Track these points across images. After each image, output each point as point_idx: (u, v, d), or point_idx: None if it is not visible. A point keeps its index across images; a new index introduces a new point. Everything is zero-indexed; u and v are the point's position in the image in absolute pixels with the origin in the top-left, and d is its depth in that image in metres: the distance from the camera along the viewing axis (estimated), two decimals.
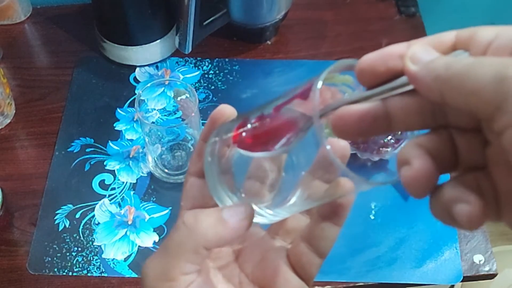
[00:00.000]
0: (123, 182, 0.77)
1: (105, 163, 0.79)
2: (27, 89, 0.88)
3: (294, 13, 0.94)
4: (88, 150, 0.81)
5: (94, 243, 0.72)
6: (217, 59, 0.91)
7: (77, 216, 0.75)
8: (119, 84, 0.88)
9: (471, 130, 0.26)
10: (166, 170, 0.77)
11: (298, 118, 0.30)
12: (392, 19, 0.96)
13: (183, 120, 0.81)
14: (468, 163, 0.27)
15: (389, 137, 0.37)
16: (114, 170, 0.79)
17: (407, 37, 0.27)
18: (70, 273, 0.70)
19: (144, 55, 0.88)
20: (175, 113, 0.82)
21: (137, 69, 0.89)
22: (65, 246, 0.72)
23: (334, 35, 0.95)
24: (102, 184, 0.77)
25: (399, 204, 0.75)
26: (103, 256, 0.71)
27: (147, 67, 0.90)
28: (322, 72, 0.29)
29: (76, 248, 0.72)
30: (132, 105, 0.85)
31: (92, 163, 0.79)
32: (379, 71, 0.28)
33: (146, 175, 0.78)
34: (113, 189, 0.77)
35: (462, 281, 0.70)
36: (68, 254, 0.72)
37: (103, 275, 0.70)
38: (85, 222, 0.74)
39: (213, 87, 0.88)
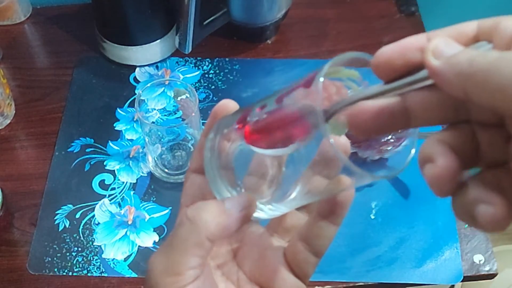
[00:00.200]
0: (123, 182, 0.77)
1: (105, 163, 0.79)
2: (27, 90, 0.88)
3: (294, 11, 0.94)
4: (88, 150, 0.81)
5: (94, 243, 0.72)
6: (217, 58, 0.91)
7: (77, 216, 0.75)
8: (119, 84, 0.88)
9: (493, 125, 0.25)
10: (166, 170, 0.77)
11: (309, 112, 0.29)
12: (393, 17, 0.96)
13: (183, 120, 0.81)
14: (489, 159, 0.26)
15: (390, 136, 0.37)
16: (114, 170, 0.79)
17: (407, 36, 0.27)
18: (70, 273, 0.70)
19: (144, 55, 0.88)
20: (175, 113, 0.82)
21: (137, 69, 0.89)
22: (65, 246, 0.72)
23: (334, 34, 0.95)
24: (102, 184, 0.77)
25: (399, 204, 0.75)
26: (103, 256, 0.71)
27: (147, 67, 0.90)
28: (325, 64, 0.28)
29: (76, 248, 0.72)
30: (132, 105, 0.85)
31: (92, 163, 0.79)
32: (397, 64, 0.27)
33: (146, 175, 0.78)
34: (113, 189, 0.77)
35: (462, 281, 0.70)
36: (68, 254, 0.72)
37: (103, 275, 0.70)
38: (85, 222, 0.74)
39: (213, 86, 0.87)
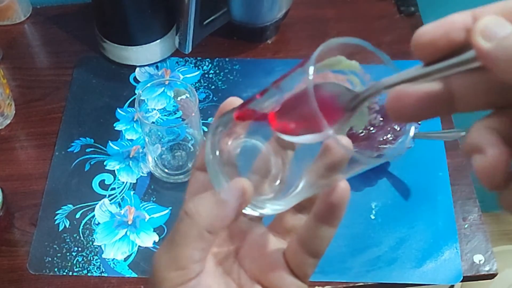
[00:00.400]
0: (123, 182, 0.77)
1: (105, 163, 0.79)
2: (27, 90, 0.88)
3: (294, 12, 0.93)
4: (88, 150, 0.81)
5: (94, 243, 0.72)
6: (217, 58, 0.91)
7: (77, 216, 0.75)
8: (119, 84, 0.88)
9: None
10: (166, 170, 0.77)
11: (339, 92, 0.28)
12: (392, 18, 0.96)
13: (183, 120, 0.81)
14: None
15: (388, 135, 0.37)
16: (114, 170, 0.79)
17: (407, 36, 0.27)
18: (70, 273, 0.70)
19: (144, 55, 0.88)
20: (175, 113, 0.82)
21: (137, 69, 0.89)
22: (65, 246, 0.72)
23: (334, 34, 0.94)
24: (102, 184, 0.77)
25: (399, 204, 0.75)
26: (103, 256, 0.71)
27: (147, 67, 0.90)
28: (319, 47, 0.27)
29: (76, 248, 0.72)
30: (132, 105, 0.85)
31: (92, 163, 0.79)
32: (440, 44, 0.25)
33: (146, 175, 0.78)
34: (113, 189, 0.77)
35: (462, 281, 0.70)
36: (68, 254, 0.72)
37: (103, 275, 0.70)
38: (85, 222, 0.74)
39: (213, 86, 0.87)
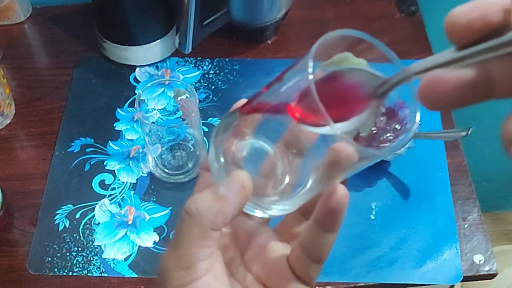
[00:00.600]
0: (123, 182, 0.77)
1: (105, 163, 0.79)
2: (27, 89, 0.88)
3: (294, 12, 0.93)
4: (88, 150, 0.81)
5: (94, 243, 0.72)
6: (217, 58, 0.91)
7: (77, 216, 0.75)
8: (119, 84, 0.88)
9: None
10: (166, 170, 0.77)
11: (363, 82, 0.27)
12: (393, 17, 0.96)
13: (183, 120, 0.81)
14: None
15: (388, 134, 0.37)
16: (114, 170, 0.79)
17: (408, 36, 0.27)
18: (70, 273, 0.70)
19: (144, 55, 0.88)
20: (175, 113, 0.82)
21: (137, 69, 0.89)
22: (65, 246, 0.72)
23: None
24: (102, 184, 0.77)
25: (399, 204, 0.75)
26: (103, 256, 0.71)
27: (147, 67, 0.90)
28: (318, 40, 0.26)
29: (76, 248, 0.72)
30: (132, 105, 0.85)
31: (92, 163, 0.79)
32: (476, 26, 0.23)
33: (146, 175, 0.78)
34: (113, 189, 0.77)
35: (462, 281, 0.70)
36: (68, 254, 0.72)
37: (103, 275, 0.70)
38: (85, 222, 0.74)
39: (213, 87, 0.87)
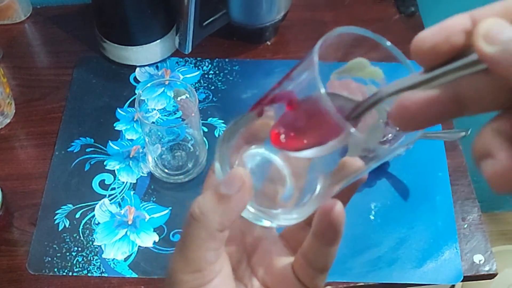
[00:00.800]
0: (123, 182, 0.77)
1: (105, 163, 0.79)
2: (27, 89, 0.88)
3: (293, 13, 0.94)
4: (88, 150, 0.81)
5: (94, 243, 0.72)
6: (217, 59, 0.91)
7: (77, 216, 0.75)
8: (119, 84, 0.88)
9: None
10: (166, 170, 0.77)
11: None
12: (392, 19, 0.96)
13: (183, 120, 0.81)
14: None
15: (390, 135, 0.37)
16: (114, 170, 0.79)
17: (407, 37, 0.27)
18: (70, 273, 0.70)
19: (144, 55, 0.88)
20: (175, 113, 0.82)
21: (137, 69, 0.89)
22: (65, 246, 0.72)
23: None
24: (102, 184, 0.77)
25: (399, 204, 0.75)
26: (103, 256, 0.71)
27: (147, 67, 0.90)
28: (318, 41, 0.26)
29: (76, 248, 0.72)
30: (132, 105, 0.85)
31: (92, 163, 0.79)
32: (441, 49, 0.24)
33: (146, 175, 0.78)
34: (113, 189, 0.77)
35: (462, 281, 0.70)
36: (68, 254, 0.72)
37: (103, 275, 0.70)
38: (85, 222, 0.74)
39: (213, 87, 0.88)
